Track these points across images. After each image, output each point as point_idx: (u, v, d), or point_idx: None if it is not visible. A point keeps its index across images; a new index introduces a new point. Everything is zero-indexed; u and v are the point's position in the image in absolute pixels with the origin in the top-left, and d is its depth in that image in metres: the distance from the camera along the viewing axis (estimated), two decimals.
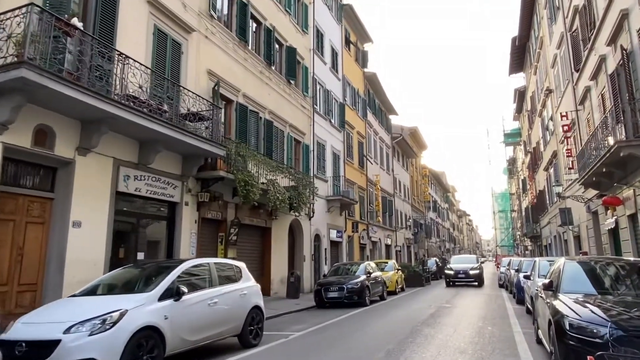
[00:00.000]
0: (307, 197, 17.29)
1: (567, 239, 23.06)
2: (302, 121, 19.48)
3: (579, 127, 18.50)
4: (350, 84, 27.15)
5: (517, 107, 40.78)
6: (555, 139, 23.65)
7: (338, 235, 22.87)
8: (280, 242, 16.76)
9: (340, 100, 24.83)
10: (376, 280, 15.18)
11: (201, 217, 12.20)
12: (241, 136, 14.29)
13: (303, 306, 14.06)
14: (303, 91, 19.73)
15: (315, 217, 19.84)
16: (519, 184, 52.00)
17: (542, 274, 9.61)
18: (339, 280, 13.84)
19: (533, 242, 41.72)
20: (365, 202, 28.18)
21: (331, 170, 22.59)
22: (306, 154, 19.42)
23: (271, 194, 14.03)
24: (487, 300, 15.62)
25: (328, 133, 22.66)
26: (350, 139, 26.35)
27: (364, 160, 28.67)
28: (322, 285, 13.77)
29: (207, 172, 11.93)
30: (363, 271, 14.64)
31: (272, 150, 16.31)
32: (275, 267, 16.09)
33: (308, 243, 19.23)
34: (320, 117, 21.86)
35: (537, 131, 31.14)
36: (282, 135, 17.35)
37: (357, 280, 13.68)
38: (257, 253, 15.59)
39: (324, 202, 21.39)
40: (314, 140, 20.50)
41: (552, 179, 26.55)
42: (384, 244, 32.53)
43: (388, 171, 35.82)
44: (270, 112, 16.49)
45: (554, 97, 23.63)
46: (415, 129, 46.07)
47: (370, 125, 31.12)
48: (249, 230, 14.98)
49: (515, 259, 20.53)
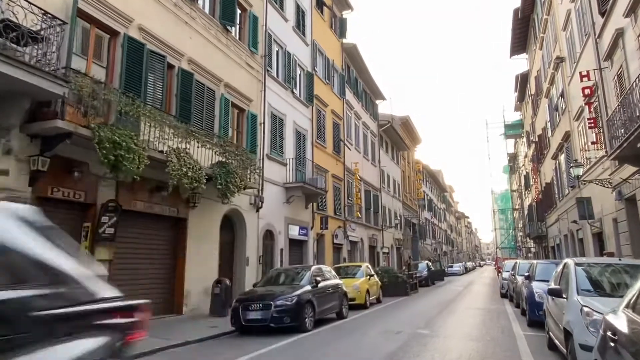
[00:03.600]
0: (246, 179, 12.93)
1: (584, 237, 18.75)
2: (248, 84, 15.13)
3: (603, 90, 14.21)
4: (323, 53, 22.82)
5: (519, 95, 37.08)
6: (568, 117, 19.49)
7: (302, 233, 18.48)
8: (205, 239, 12.37)
9: (307, 69, 20.49)
10: (328, 292, 10.78)
11: (39, 197, 7.81)
12: (132, 86, 9.95)
13: (221, 330, 9.67)
14: (250, 46, 15.38)
15: (266, 209, 15.48)
16: (521, 181, 47.87)
17: (584, 289, 5.27)
18: (267, 294, 9.42)
19: (537, 243, 37.80)
20: (341, 195, 23.81)
21: (293, 152, 18.23)
22: (252, 126, 15.06)
23: (172, 167, 9.68)
24: (486, 319, 11.24)
25: (289, 106, 18.30)
26: (322, 119, 22.00)
27: (341, 145, 24.31)
28: (241, 301, 9.34)
29: (41, 123, 7.53)
30: (308, 280, 10.22)
31: (192, 113, 11.95)
32: (194, 274, 11.70)
33: (254, 241, 14.85)
34: (278, 84, 17.51)
35: (543, 115, 27.15)
36: (211, 95, 13.00)
37: (293, 294, 9.25)
38: (161, 254, 11.18)
39: (281, 190, 17.03)
40: (266, 111, 16.14)
41: (562, 167, 22.32)
42: (367, 245, 28.13)
43: (374, 162, 31.46)
44: (190, 61, 12.14)
45: (566, 66, 19.50)
46: (407, 119, 41.74)
47: (351, 106, 26.77)
48: (146, 220, 10.60)
49: (522, 261, 16.14)
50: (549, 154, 25.97)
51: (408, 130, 43.08)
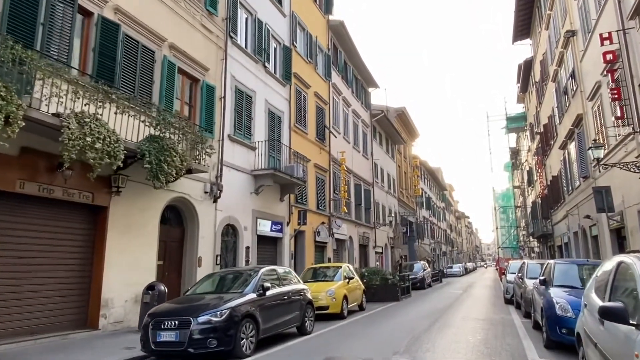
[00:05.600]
0: (192, 160, 10.46)
1: (599, 234, 16.29)
2: (203, 49, 12.66)
3: (627, 55, 11.77)
4: (305, 28, 20.33)
5: (522, 85, 34.84)
6: (580, 98, 17.10)
7: (275, 229, 16.00)
8: (137, 234, 9.88)
9: (285, 43, 18.01)
10: (283, 301, 8.27)
11: None
12: (21, 30, 7.50)
13: (135, 353, 7.18)
14: (206, 5, 12.90)
15: (227, 199, 13.02)
16: (523, 177, 45.36)
17: None
18: (187, 307, 6.90)
19: (542, 242, 35.29)
20: (326, 188, 21.33)
21: (265, 135, 15.76)
22: (208, 99, 12.58)
23: (68, 135, 7.21)
24: (488, 337, 8.75)
25: (260, 82, 15.82)
26: (303, 101, 19.51)
27: (326, 133, 21.83)
28: (153, 316, 6.85)
29: None
30: (254, 286, 7.71)
31: (118, 74, 9.47)
32: (118, 278, 9.21)
33: (210, 238, 12.37)
34: (246, 55, 15.04)
35: (549, 102, 24.82)
36: (149, 57, 10.52)
37: (225, 307, 6.73)
38: (69, 252, 8.69)
39: (248, 178, 14.56)
40: (228, 84, 13.67)
41: (572, 157, 19.86)
42: (358, 244, 25.63)
43: (365, 154, 28.97)
44: (117, 10, 9.66)
45: (578, 41, 17.15)
46: (403, 110, 39.19)
47: (338, 91, 24.28)
48: (42, 208, 8.13)
49: (531, 262, 13.59)
50: (555, 144, 23.61)
51: (404, 122, 40.57)
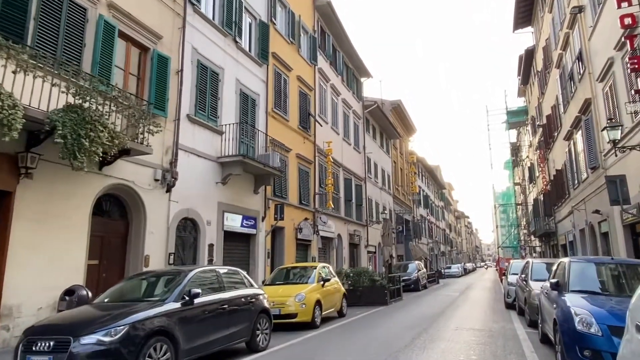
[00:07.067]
0: (127, 138, 8.69)
1: (609, 230, 14.52)
2: (155, 14, 10.87)
3: None
4: (287, 5, 18.53)
5: (523, 77, 33.22)
6: (589, 80, 15.41)
7: (248, 224, 14.21)
8: (57, 228, 8.05)
9: (261, 18, 16.23)
10: (221, 312, 6.43)
11: None
12: None
13: None
14: None
15: (184, 189, 11.24)
16: (524, 174, 43.59)
17: None
18: (73, 323, 5.07)
19: (544, 241, 33.56)
20: (310, 181, 19.55)
21: (236, 118, 13.98)
22: (160, 72, 10.79)
23: None
24: (487, 352, 6.94)
25: (230, 58, 14.03)
26: (284, 84, 17.72)
27: (311, 121, 20.04)
28: (28, 333, 5.07)
29: None
30: (178, 293, 5.88)
31: (34, 32, 7.71)
32: (28, 279, 7.42)
33: (161, 233, 10.57)
34: (211, 26, 13.25)
35: (552, 91, 23.13)
36: (78, 14, 8.74)
37: (124, 321, 4.86)
38: None
39: (213, 165, 12.76)
40: (187, 56, 11.85)
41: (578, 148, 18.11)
42: (348, 243, 23.83)
43: (357, 147, 27.18)
44: None
45: (586, 17, 15.45)
46: (399, 103, 37.40)
47: (326, 77, 22.48)
48: None
49: (536, 261, 11.78)
50: (560, 136, 21.90)
51: (400, 116, 38.78)
